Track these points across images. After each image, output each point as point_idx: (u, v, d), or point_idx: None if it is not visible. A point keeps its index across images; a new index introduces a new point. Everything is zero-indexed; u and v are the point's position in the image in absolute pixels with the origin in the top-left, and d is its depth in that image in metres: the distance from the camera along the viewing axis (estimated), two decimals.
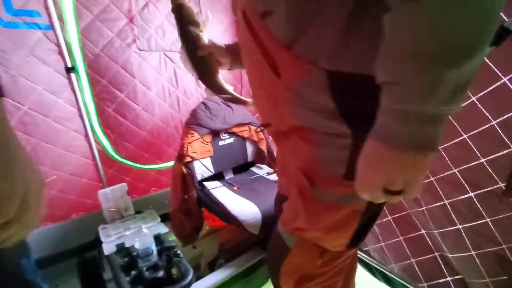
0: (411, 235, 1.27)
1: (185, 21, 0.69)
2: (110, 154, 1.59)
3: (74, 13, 1.28)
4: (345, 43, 0.45)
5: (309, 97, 0.50)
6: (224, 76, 0.83)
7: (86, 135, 1.48)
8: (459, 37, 0.33)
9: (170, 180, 1.55)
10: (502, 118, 0.86)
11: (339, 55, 0.45)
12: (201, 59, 0.74)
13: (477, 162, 0.95)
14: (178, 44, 0.76)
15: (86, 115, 1.44)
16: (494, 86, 0.85)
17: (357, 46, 0.45)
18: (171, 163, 1.79)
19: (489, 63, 0.83)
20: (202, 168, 1.54)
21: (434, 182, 1.10)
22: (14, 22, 1.16)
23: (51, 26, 1.26)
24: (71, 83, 1.36)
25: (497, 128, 0.88)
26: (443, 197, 1.08)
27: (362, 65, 0.45)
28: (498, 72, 0.83)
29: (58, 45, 1.29)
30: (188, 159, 1.41)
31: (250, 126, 1.65)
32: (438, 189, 1.09)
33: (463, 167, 0.99)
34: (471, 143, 0.95)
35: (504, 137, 0.87)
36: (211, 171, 1.59)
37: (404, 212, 1.27)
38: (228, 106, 1.59)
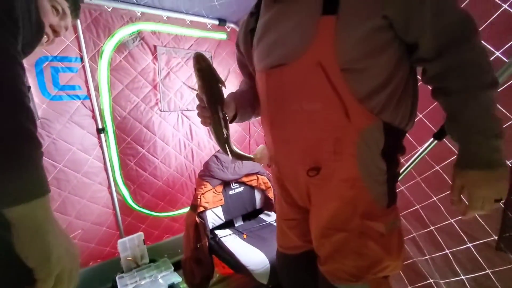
0: (420, 284, 1.27)
1: (212, 80, 0.70)
2: (129, 204, 1.72)
3: (108, 84, 1.53)
4: (400, 106, 0.65)
5: (370, 137, 0.65)
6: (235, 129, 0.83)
7: (109, 187, 1.63)
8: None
9: (182, 227, 1.63)
10: None
11: (394, 112, 0.65)
12: (225, 118, 0.73)
13: None
14: (194, 104, 0.73)
15: (110, 169, 1.60)
16: None
17: (403, 108, 0.66)
18: (184, 210, 1.90)
19: None
20: (214, 217, 1.63)
21: (434, 231, 1.15)
22: (59, 95, 1.40)
23: (88, 96, 1.49)
24: (100, 142, 1.56)
25: None
26: (444, 247, 1.12)
27: (400, 121, 0.66)
28: None
29: (92, 110, 1.52)
30: (201, 209, 1.52)
31: (258, 175, 1.78)
32: (439, 238, 1.14)
33: (458, 218, 1.06)
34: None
35: None
36: (222, 219, 1.67)
37: (410, 260, 1.30)
38: None
